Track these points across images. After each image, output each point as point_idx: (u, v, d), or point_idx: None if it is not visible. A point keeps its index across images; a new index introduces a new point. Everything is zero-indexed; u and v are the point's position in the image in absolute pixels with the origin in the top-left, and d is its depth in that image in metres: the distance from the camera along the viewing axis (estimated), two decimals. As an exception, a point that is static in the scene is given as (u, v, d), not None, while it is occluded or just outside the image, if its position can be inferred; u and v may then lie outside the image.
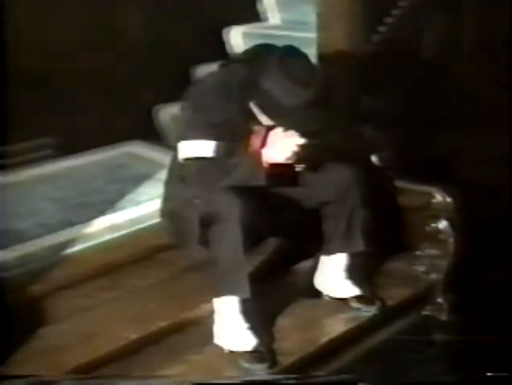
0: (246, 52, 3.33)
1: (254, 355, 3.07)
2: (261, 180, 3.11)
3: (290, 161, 3.14)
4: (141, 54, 4.60)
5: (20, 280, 3.25)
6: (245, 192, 3.04)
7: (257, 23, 5.21)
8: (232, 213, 2.99)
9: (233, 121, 3.10)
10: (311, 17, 3.95)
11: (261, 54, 3.13)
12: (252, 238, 3.08)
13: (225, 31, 5.01)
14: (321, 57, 3.77)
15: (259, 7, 5.28)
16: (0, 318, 2.91)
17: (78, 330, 3.14)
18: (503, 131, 4.06)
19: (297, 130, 3.12)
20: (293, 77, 2.98)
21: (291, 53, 3.05)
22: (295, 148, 3.10)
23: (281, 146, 3.11)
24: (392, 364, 3.24)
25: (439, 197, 3.68)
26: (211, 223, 3.04)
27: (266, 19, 5.28)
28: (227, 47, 4.98)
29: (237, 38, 4.96)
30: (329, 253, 3.42)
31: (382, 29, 3.86)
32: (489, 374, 2.90)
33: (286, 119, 3.06)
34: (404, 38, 3.92)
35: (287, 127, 3.11)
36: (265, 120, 3.12)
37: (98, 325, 3.17)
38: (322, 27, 3.81)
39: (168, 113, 4.59)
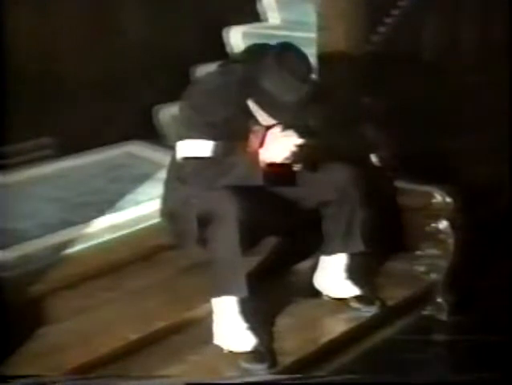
0: (244, 52, 3.34)
1: (254, 355, 3.07)
2: (258, 180, 3.11)
3: (287, 161, 3.15)
4: (141, 54, 4.60)
5: (20, 280, 3.25)
6: (243, 192, 3.04)
7: (257, 23, 5.21)
8: (229, 213, 3.00)
9: (231, 121, 3.10)
10: (311, 17, 3.95)
11: (258, 52, 3.13)
12: (250, 238, 3.08)
13: (225, 31, 5.01)
14: (321, 57, 3.77)
15: (259, 7, 5.28)
16: (0, 318, 2.91)
17: (78, 330, 3.14)
18: (503, 131, 4.06)
19: (296, 126, 3.12)
20: (290, 72, 2.99)
21: (288, 49, 3.07)
22: (293, 148, 3.10)
23: (278, 146, 3.12)
24: (392, 364, 3.24)
25: (439, 197, 3.68)
26: (209, 222, 3.05)
27: (266, 19, 5.28)
28: (227, 47, 4.98)
29: (237, 38, 4.96)
30: (329, 253, 3.42)
31: (382, 29, 3.86)
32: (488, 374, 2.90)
33: (284, 114, 3.07)
34: (403, 38, 3.92)
35: (286, 123, 3.12)
36: (263, 119, 3.12)
37: (98, 325, 3.17)
38: (322, 27, 3.81)
39: (168, 113, 4.59)
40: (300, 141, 3.11)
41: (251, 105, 3.10)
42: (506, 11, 4.12)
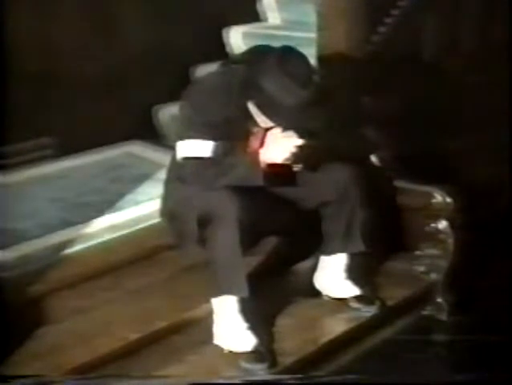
0: (245, 53, 3.33)
1: (254, 355, 3.07)
2: (258, 181, 3.11)
3: (287, 162, 3.14)
4: (141, 54, 4.60)
5: (20, 280, 3.24)
6: (243, 192, 3.04)
7: (257, 23, 5.21)
8: (229, 213, 3.00)
9: (231, 121, 3.10)
10: (311, 17, 3.95)
11: (259, 54, 3.13)
12: (250, 238, 3.08)
13: (225, 31, 5.01)
14: (321, 57, 3.77)
15: (259, 7, 5.28)
16: (0, 318, 2.91)
17: (78, 330, 3.14)
18: (503, 131, 4.06)
19: (295, 129, 3.12)
20: (292, 76, 2.98)
21: (290, 52, 3.06)
22: (293, 149, 3.10)
23: (278, 146, 3.12)
24: (392, 364, 3.23)
25: (439, 197, 3.68)
26: (209, 222, 3.05)
27: (266, 19, 5.28)
28: (227, 47, 4.98)
29: (237, 38, 4.96)
30: (329, 253, 3.42)
31: (382, 29, 3.86)
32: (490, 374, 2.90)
33: (284, 118, 3.06)
34: (403, 38, 3.92)
35: (285, 127, 3.11)
36: (262, 121, 3.11)
37: (98, 325, 3.17)
38: (322, 27, 3.81)
39: (168, 113, 4.59)
40: (300, 142, 3.11)
41: (251, 107, 3.10)
42: (506, 11, 4.12)
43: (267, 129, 3.16)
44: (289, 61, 3.01)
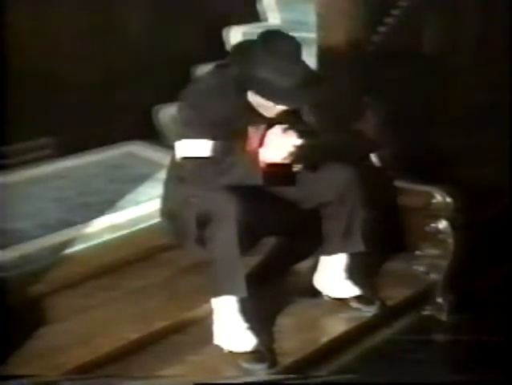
0: (234, 51, 3.31)
1: (254, 355, 3.07)
2: (258, 180, 3.11)
3: (287, 161, 3.14)
4: (141, 54, 4.61)
5: (20, 280, 3.25)
6: (242, 192, 3.04)
7: (257, 23, 5.21)
8: (228, 213, 3.00)
9: (230, 120, 3.10)
10: (311, 17, 3.95)
11: (247, 47, 3.15)
12: (249, 238, 3.08)
13: (225, 31, 5.02)
14: (321, 57, 3.77)
15: (259, 7, 5.28)
16: (0, 318, 2.91)
17: (78, 330, 3.14)
18: (503, 131, 4.06)
19: (300, 107, 3.17)
20: (282, 56, 3.02)
21: (274, 35, 3.10)
22: (292, 148, 3.11)
23: (278, 146, 3.12)
24: (392, 364, 3.24)
25: (439, 197, 3.68)
26: (208, 222, 3.05)
27: (266, 19, 5.28)
28: (227, 47, 4.98)
29: (237, 38, 4.95)
30: (329, 253, 3.42)
31: (382, 29, 3.86)
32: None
33: (288, 97, 3.06)
34: (404, 38, 3.92)
35: (291, 106, 3.12)
36: (266, 110, 3.11)
37: (98, 325, 3.17)
38: (322, 27, 3.81)
39: (168, 113, 4.60)
40: (300, 141, 3.11)
41: (252, 98, 3.11)
42: (507, 11, 4.12)
43: (267, 128, 3.16)
44: (275, 43, 3.05)
